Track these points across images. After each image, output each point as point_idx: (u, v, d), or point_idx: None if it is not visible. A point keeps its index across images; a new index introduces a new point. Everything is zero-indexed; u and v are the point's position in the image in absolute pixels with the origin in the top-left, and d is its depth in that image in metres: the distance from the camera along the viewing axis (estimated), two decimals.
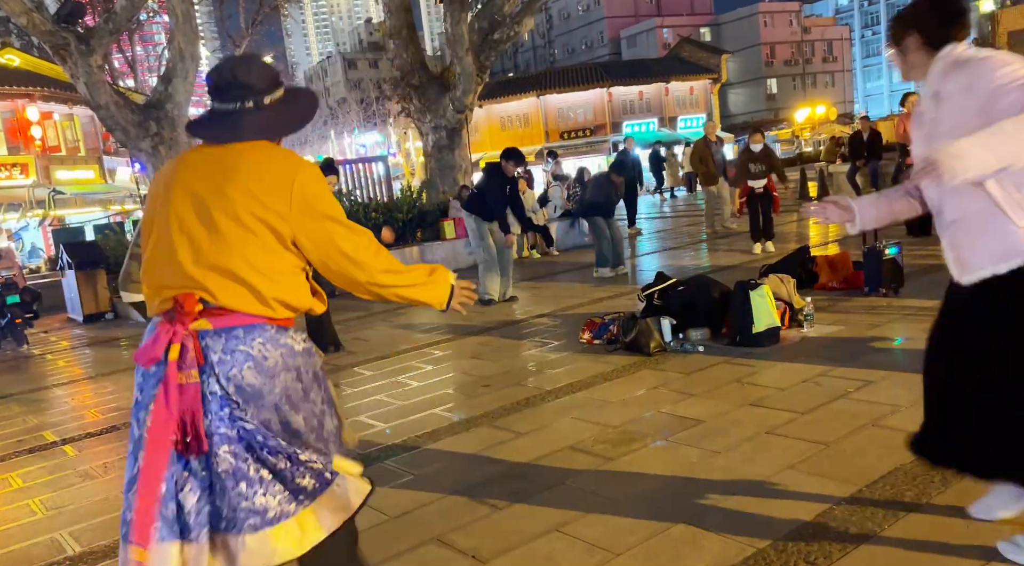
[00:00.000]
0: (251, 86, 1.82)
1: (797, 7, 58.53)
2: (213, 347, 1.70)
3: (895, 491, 2.66)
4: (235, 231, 1.72)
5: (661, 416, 3.79)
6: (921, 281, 6.15)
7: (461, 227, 11.43)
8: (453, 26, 11.68)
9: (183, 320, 1.70)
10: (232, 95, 1.82)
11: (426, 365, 5.54)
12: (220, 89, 1.84)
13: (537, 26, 66.20)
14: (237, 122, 1.81)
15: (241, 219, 1.72)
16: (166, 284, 1.75)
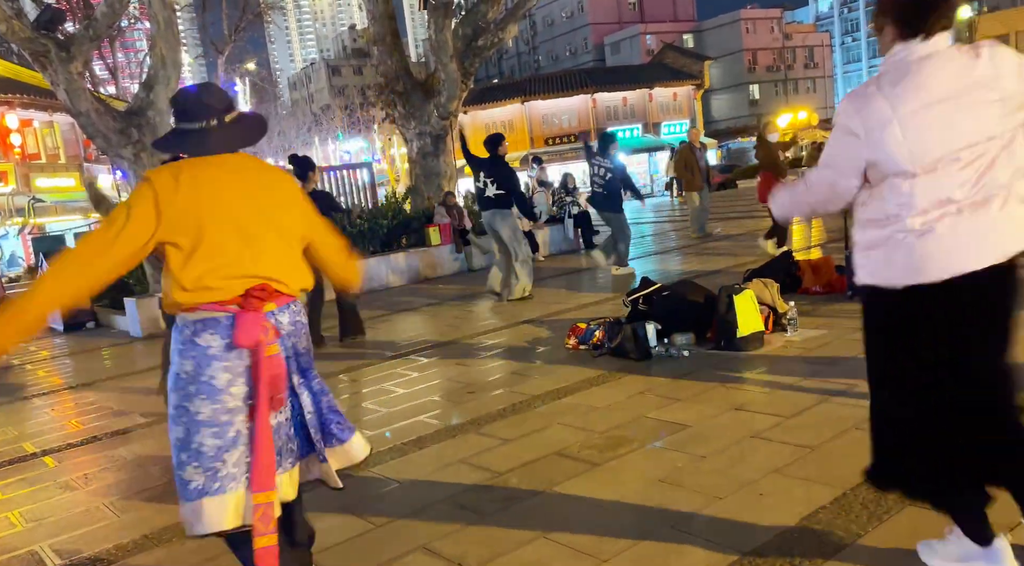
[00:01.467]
0: (214, 107, 2.14)
1: (778, 14, 59.16)
2: (281, 322, 2.11)
3: (878, 494, 2.67)
4: (275, 233, 2.15)
5: (647, 421, 3.79)
6: None
7: (446, 233, 11.43)
8: (437, 33, 11.69)
9: (258, 306, 2.05)
10: (199, 115, 2.12)
11: (411, 372, 5.52)
12: (187, 111, 2.13)
13: (521, 32, 66.44)
14: (205, 138, 2.12)
15: (279, 224, 2.16)
16: (235, 276, 2.05)
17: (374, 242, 11.24)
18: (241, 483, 2.02)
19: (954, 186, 1.89)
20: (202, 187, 2.04)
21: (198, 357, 2.02)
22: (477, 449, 3.70)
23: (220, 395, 2.02)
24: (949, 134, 1.87)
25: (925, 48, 1.90)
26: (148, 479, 3.89)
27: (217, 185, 2.06)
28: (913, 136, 1.88)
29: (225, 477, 2.01)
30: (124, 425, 5.02)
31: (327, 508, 3.22)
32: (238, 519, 2.02)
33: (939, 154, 1.88)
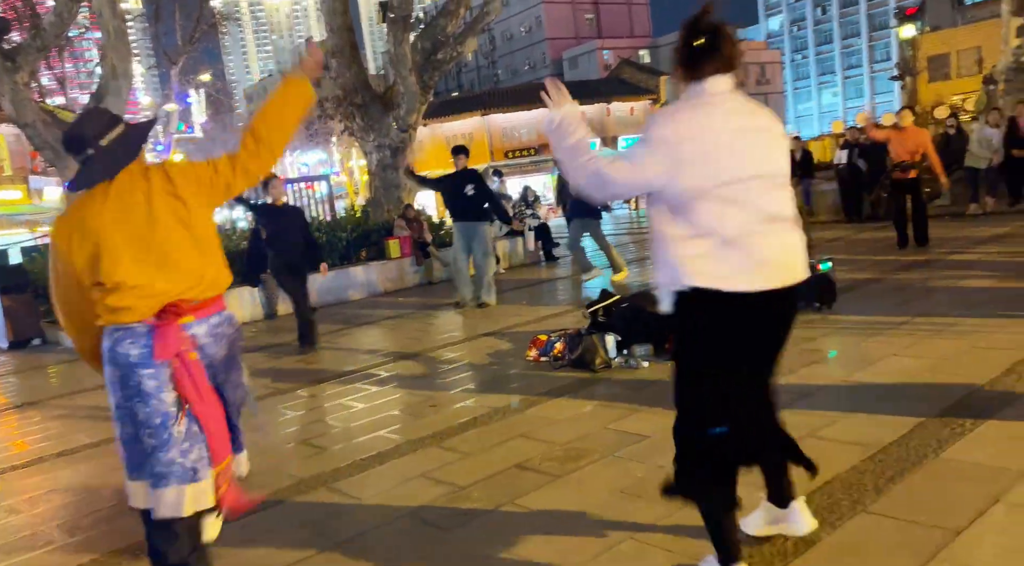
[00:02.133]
0: (87, 135, 2.19)
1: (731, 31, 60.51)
2: (197, 334, 2.24)
3: (832, 500, 2.73)
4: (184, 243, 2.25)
5: (607, 432, 3.81)
6: (853, 295, 6.38)
7: (407, 246, 11.37)
8: (396, 46, 11.68)
9: (173, 320, 2.18)
10: (78, 148, 2.20)
11: (371, 386, 5.46)
12: (70, 146, 2.24)
13: (480, 46, 66.60)
14: (87, 170, 2.20)
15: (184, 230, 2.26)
16: (149, 296, 2.18)
17: (333, 255, 11.13)
18: (183, 479, 2.19)
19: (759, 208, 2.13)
20: (92, 232, 2.17)
21: (123, 365, 2.18)
22: (438, 463, 3.68)
23: (151, 400, 2.17)
24: (742, 161, 2.11)
25: (711, 87, 2.15)
26: (97, 501, 3.77)
27: (106, 220, 2.17)
28: (715, 158, 2.10)
29: (170, 474, 2.19)
30: (71, 445, 4.86)
31: (286, 525, 3.17)
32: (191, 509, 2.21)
33: (732, 177, 2.09)
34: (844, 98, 74.46)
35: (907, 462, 2.97)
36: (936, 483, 2.78)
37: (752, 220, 2.11)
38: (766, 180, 2.15)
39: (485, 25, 13.03)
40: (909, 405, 3.60)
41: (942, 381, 3.88)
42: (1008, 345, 4.33)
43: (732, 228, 2.10)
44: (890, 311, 5.66)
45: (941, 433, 3.21)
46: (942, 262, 7.49)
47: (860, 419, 3.54)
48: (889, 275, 7.16)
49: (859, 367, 4.37)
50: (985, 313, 5.18)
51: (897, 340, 4.82)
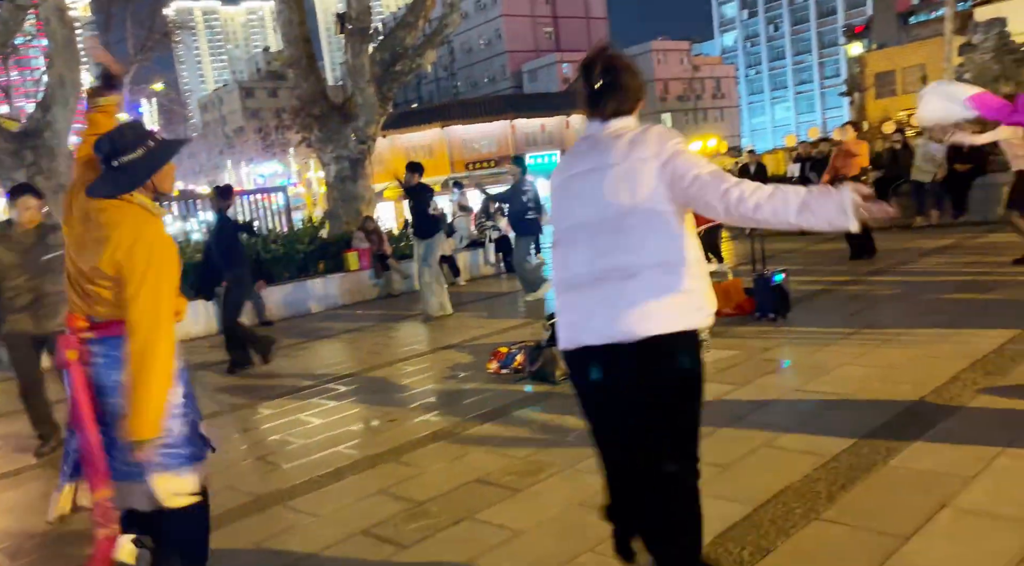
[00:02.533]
0: (104, 152, 2.27)
1: (687, 46, 61.73)
2: (93, 350, 2.30)
3: (786, 508, 2.78)
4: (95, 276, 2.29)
5: (567, 444, 3.82)
6: (806, 306, 6.53)
7: (365, 259, 11.28)
8: (354, 57, 11.62)
9: (73, 331, 2.31)
10: (102, 159, 2.28)
11: (329, 401, 5.39)
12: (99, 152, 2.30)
13: (440, 58, 66.67)
14: (100, 182, 2.29)
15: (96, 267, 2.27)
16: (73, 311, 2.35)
17: (290, 268, 10.98)
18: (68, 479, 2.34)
19: (571, 263, 2.06)
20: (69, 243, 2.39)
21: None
22: (397, 479, 3.64)
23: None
24: (578, 206, 2.04)
25: (606, 128, 2.07)
26: (41, 523, 3.63)
27: (71, 237, 2.36)
28: (556, 204, 2.12)
29: (63, 475, 2.36)
30: (14, 467, 4.68)
31: (241, 543, 3.10)
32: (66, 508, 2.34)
33: (570, 224, 2.06)
34: (796, 112, 76.47)
35: (858, 470, 3.04)
36: (885, 490, 2.85)
37: (579, 268, 2.03)
38: (592, 227, 2.00)
39: (444, 38, 13.05)
40: (860, 414, 3.69)
41: (891, 390, 3.99)
42: (953, 355, 4.47)
43: (565, 276, 2.07)
44: (842, 321, 5.80)
45: (890, 441, 3.29)
46: (891, 273, 7.70)
47: (813, 428, 3.61)
48: (841, 286, 7.34)
49: (812, 377, 4.47)
50: (931, 323, 5.34)
51: (848, 350, 4.94)
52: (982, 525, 2.50)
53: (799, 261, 9.31)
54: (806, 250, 10.56)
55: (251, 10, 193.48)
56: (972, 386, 3.87)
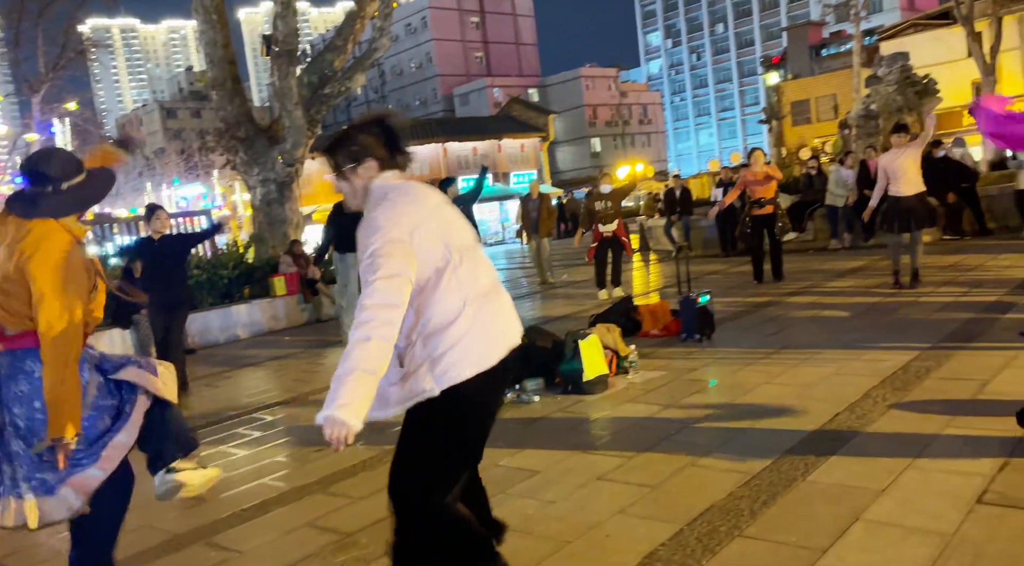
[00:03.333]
0: (49, 175, 2.32)
1: (615, 73, 63.30)
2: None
3: (711, 526, 2.84)
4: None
5: (498, 469, 3.81)
6: (729, 327, 6.74)
7: (293, 283, 11.05)
8: (281, 80, 11.47)
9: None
10: (34, 181, 2.34)
11: (254, 432, 5.23)
12: (26, 176, 2.36)
13: (370, 81, 66.54)
14: (36, 202, 2.32)
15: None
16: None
17: (214, 293, 10.65)
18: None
19: (480, 276, 2.25)
20: None
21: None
22: (325, 510, 3.55)
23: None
24: (459, 229, 2.26)
25: (401, 176, 2.33)
26: None
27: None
28: (440, 228, 2.20)
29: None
30: None
31: None
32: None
33: (461, 243, 2.23)
34: (720, 138, 79.29)
35: (778, 486, 3.14)
36: (804, 505, 2.95)
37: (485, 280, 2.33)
38: (472, 246, 2.31)
39: (374, 61, 13.03)
40: (780, 431, 3.82)
41: (808, 408, 4.15)
42: (864, 372, 4.69)
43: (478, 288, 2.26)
44: (762, 342, 6.01)
45: (808, 457, 3.42)
46: (807, 294, 8.04)
47: (737, 446, 3.72)
48: (761, 307, 7.61)
49: (735, 396, 4.60)
50: (844, 342, 5.59)
51: (768, 369, 5.11)
52: (892, 535, 2.62)
53: (723, 283, 9.62)
54: (728, 271, 10.92)
55: (172, 28, 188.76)
56: (882, 402, 4.06)
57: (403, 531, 2.28)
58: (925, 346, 5.12)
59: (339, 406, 1.94)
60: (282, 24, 11.44)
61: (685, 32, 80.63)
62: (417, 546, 2.27)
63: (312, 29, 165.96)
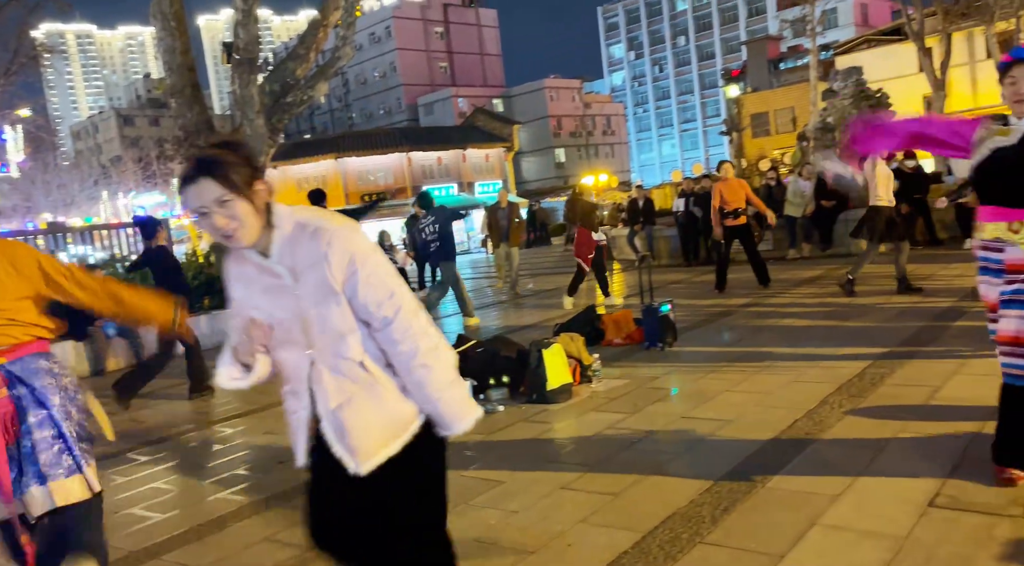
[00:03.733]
0: None
1: (578, 84, 63.90)
2: (11, 371, 2.36)
3: (673, 534, 2.87)
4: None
5: (462, 480, 3.79)
6: (691, 335, 6.82)
7: None
8: (242, 88, 11.32)
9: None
10: None
11: (214, 444, 5.13)
12: None
13: (333, 90, 66.14)
14: None
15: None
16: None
17: None
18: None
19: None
20: None
21: None
22: (285, 524, 3.49)
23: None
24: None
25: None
26: None
27: None
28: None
29: None
30: None
31: None
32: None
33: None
34: (682, 149, 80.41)
35: (739, 493, 3.18)
36: (763, 511, 2.99)
37: None
38: None
39: (337, 70, 12.94)
40: (740, 439, 3.87)
41: (768, 415, 4.21)
42: (821, 379, 4.78)
43: None
44: (723, 350, 6.10)
45: (768, 463, 3.47)
46: (766, 303, 8.18)
47: (698, 454, 3.76)
48: (722, 316, 7.72)
49: (697, 404, 4.65)
50: (802, 350, 5.70)
51: (729, 377, 5.19)
52: (847, 540, 2.67)
53: (684, 292, 9.74)
54: (690, 280, 11.06)
55: (130, 35, 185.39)
56: (839, 409, 4.15)
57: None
58: (880, 353, 5.24)
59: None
60: (243, 32, 11.30)
61: (647, 44, 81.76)
62: None
63: (275, 37, 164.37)
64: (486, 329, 8.66)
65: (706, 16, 76.58)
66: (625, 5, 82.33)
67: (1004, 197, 2.79)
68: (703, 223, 13.14)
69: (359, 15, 12.91)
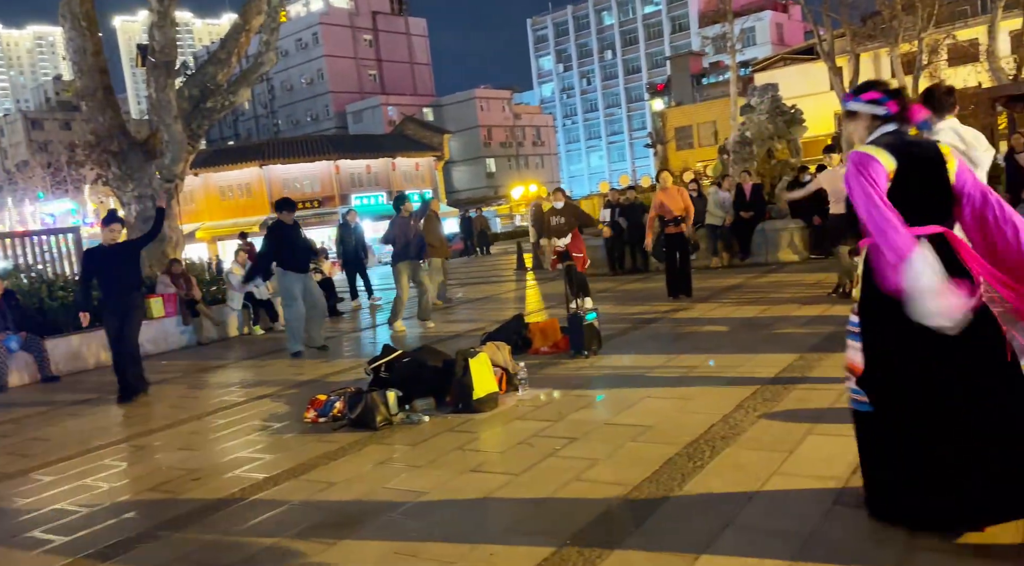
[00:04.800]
0: None
1: (508, 95, 64.38)
2: None
3: (593, 540, 2.90)
4: None
5: (385, 492, 3.75)
6: (616, 342, 6.94)
7: (172, 304, 10.49)
8: (158, 92, 10.93)
9: None
10: None
11: (122, 462, 4.90)
12: None
13: (258, 96, 64.63)
14: None
15: None
16: None
17: None
18: None
19: None
20: None
21: None
22: (195, 546, 3.37)
23: None
24: None
25: None
26: None
27: None
28: None
29: None
30: None
31: None
32: None
33: None
34: (609, 161, 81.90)
35: (658, 497, 3.25)
36: (680, 514, 3.07)
37: None
38: None
39: (260, 75, 12.66)
40: (661, 443, 3.96)
41: (687, 420, 4.32)
42: (738, 384, 4.94)
43: None
44: (646, 357, 6.23)
45: (685, 467, 3.56)
46: (688, 310, 8.40)
47: (620, 459, 3.82)
48: (646, 323, 7.89)
49: (620, 410, 4.73)
50: (721, 356, 5.87)
51: (651, 383, 5.30)
52: (758, 539, 2.76)
53: (610, 300, 9.90)
54: (616, 289, 11.26)
55: (39, 35, 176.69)
56: (753, 413, 4.29)
57: None
58: (794, 359, 5.46)
59: None
60: (159, 34, 10.92)
61: (576, 57, 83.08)
62: None
63: (196, 41, 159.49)
64: (414, 338, 8.59)
65: (632, 31, 78.42)
66: (554, 18, 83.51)
67: None
68: (629, 233, 13.42)
69: (284, 20, 12.69)
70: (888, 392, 2.62)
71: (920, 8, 22.94)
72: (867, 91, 2.80)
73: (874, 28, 25.96)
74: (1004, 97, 17.90)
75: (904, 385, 2.59)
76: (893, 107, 2.71)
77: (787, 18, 61.36)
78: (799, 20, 54.11)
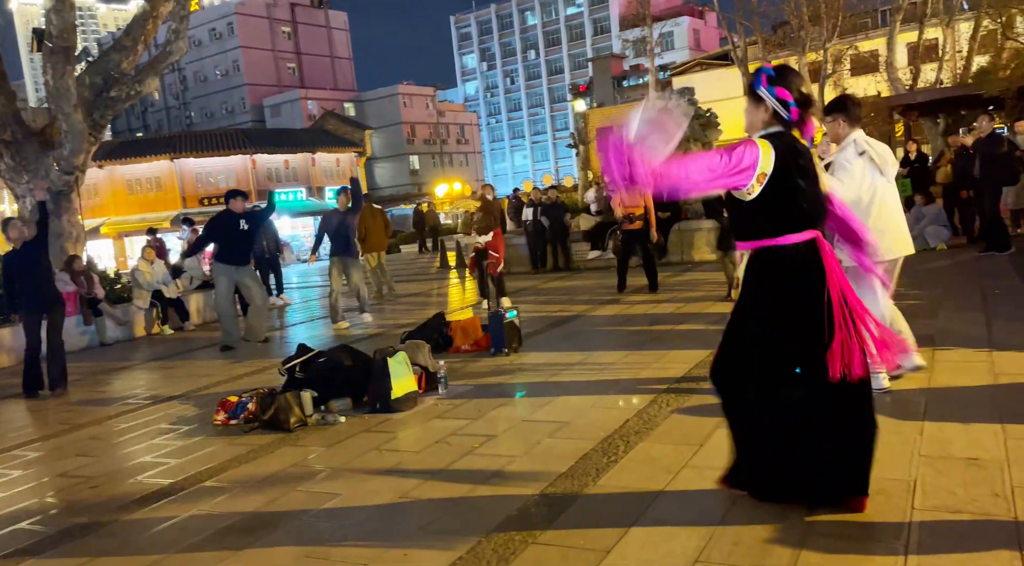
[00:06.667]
0: None
1: (432, 92, 63.95)
2: None
3: (508, 537, 2.90)
4: None
5: (298, 494, 3.65)
6: (536, 340, 6.99)
7: (72, 303, 9.92)
8: (56, 79, 10.31)
9: None
10: None
11: (12, 471, 4.60)
12: None
13: (169, 86, 62.00)
14: None
15: None
16: None
17: None
18: None
19: None
20: None
21: None
22: (95, 553, 3.19)
23: None
24: None
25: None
26: None
27: None
28: None
29: None
30: None
31: None
32: None
33: None
34: (533, 160, 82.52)
35: (572, 493, 3.28)
36: (593, 509, 3.11)
37: None
38: None
39: (169, 65, 12.13)
40: (577, 440, 4.01)
41: (603, 416, 4.39)
42: (652, 380, 5.06)
43: None
44: (565, 354, 6.30)
45: (600, 463, 3.61)
46: (607, 308, 8.55)
47: (536, 455, 3.85)
48: (566, 321, 7.98)
49: (538, 407, 4.77)
50: (637, 353, 6.01)
51: (569, 380, 5.36)
52: (667, 532, 2.82)
53: (531, 298, 9.98)
54: (538, 287, 11.35)
55: None
56: (666, 408, 4.40)
57: None
58: (705, 354, 5.61)
59: None
60: (56, 18, 10.30)
61: (500, 56, 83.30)
62: None
63: (101, 26, 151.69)
64: (335, 337, 8.42)
65: (555, 32, 79.21)
66: (477, 16, 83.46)
67: None
68: (551, 232, 13.56)
69: (196, 9, 12.26)
70: (726, 383, 3.09)
71: (826, 20, 24.07)
72: (783, 85, 2.77)
73: (784, 37, 27.10)
74: (901, 106, 19.01)
75: (730, 376, 3.06)
76: (795, 114, 2.81)
77: (704, 24, 63.39)
78: (715, 27, 55.97)
